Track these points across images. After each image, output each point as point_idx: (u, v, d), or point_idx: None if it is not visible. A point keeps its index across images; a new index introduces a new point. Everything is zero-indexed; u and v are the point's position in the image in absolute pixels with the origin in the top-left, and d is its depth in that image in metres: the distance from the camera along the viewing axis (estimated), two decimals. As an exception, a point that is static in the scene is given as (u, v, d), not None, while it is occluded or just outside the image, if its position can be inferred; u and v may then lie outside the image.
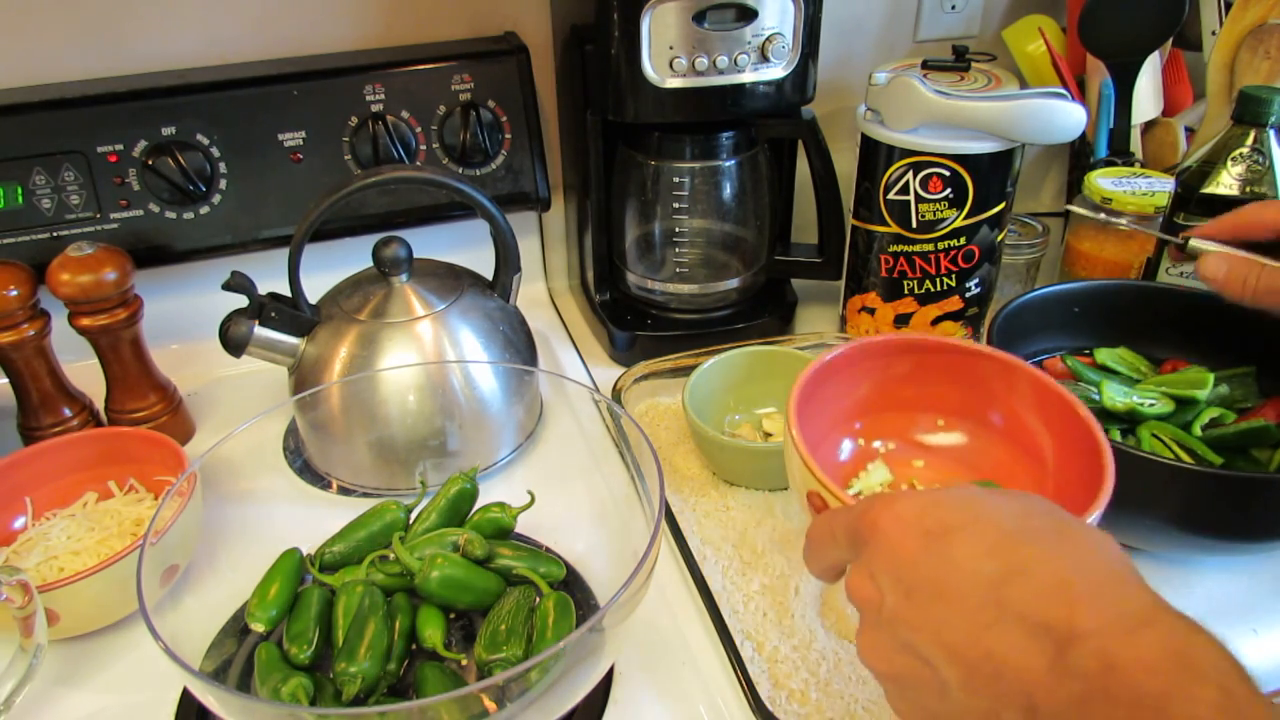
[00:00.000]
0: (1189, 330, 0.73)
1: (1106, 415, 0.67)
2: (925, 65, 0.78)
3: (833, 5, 0.77)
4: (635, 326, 0.87)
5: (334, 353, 0.69)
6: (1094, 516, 0.48)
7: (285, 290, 0.70)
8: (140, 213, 0.80)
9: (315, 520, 0.66)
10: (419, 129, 0.84)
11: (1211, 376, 0.67)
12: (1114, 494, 0.56)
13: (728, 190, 0.84)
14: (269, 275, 0.72)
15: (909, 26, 1.02)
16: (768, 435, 0.74)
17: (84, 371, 0.75)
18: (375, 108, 0.83)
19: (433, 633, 0.55)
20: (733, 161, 0.82)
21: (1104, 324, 0.76)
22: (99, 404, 0.77)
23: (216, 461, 0.61)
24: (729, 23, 0.72)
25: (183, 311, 0.86)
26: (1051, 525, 0.36)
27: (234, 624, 0.58)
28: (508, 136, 0.87)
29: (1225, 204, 0.72)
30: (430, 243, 0.82)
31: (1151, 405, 0.66)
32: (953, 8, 1.01)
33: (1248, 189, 0.71)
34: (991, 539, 0.35)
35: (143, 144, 0.78)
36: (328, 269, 0.77)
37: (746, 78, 0.75)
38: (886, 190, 0.76)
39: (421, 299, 0.72)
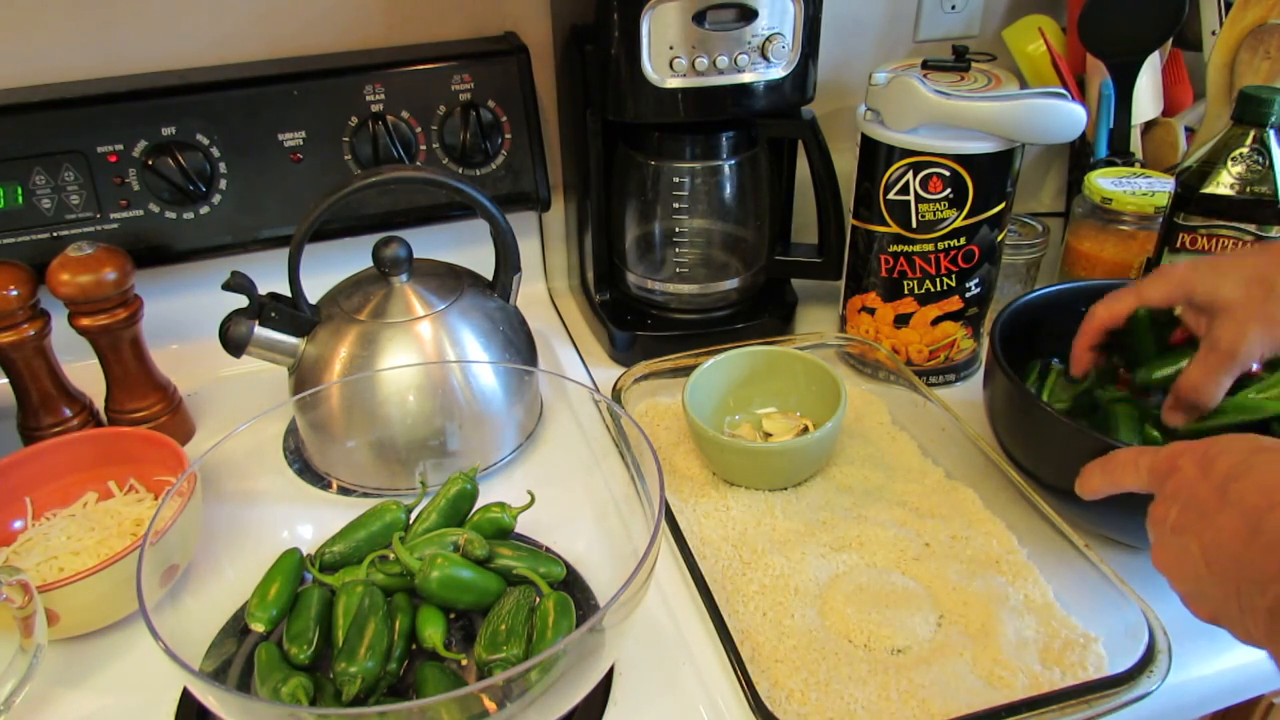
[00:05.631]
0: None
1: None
2: (925, 65, 0.78)
3: (833, 5, 0.77)
4: (635, 326, 0.87)
5: (334, 353, 0.69)
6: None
7: (285, 290, 0.70)
8: (140, 213, 0.80)
9: (315, 520, 0.66)
10: (419, 129, 0.84)
11: None
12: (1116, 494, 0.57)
13: (728, 190, 0.84)
14: (269, 275, 0.72)
15: (909, 26, 1.02)
16: (768, 435, 0.74)
17: (84, 371, 0.75)
18: (375, 108, 0.83)
19: (433, 633, 0.55)
20: (733, 161, 0.82)
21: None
22: (99, 404, 0.77)
23: (216, 461, 0.61)
24: (729, 23, 0.72)
25: (183, 311, 0.86)
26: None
27: (234, 624, 0.58)
28: (508, 136, 0.87)
29: (1225, 204, 0.72)
30: (430, 243, 0.82)
31: None
32: (953, 8, 1.01)
33: (1248, 189, 0.71)
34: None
35: (143, 144, 0.78)
36: (328, 269, 0.77)
37: (746, 78, 0.75)
38: (886, 190, 0.76)
39: (421, 299, 0.72)
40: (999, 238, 0.78)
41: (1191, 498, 0.47)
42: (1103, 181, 0.85)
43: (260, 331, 0.69)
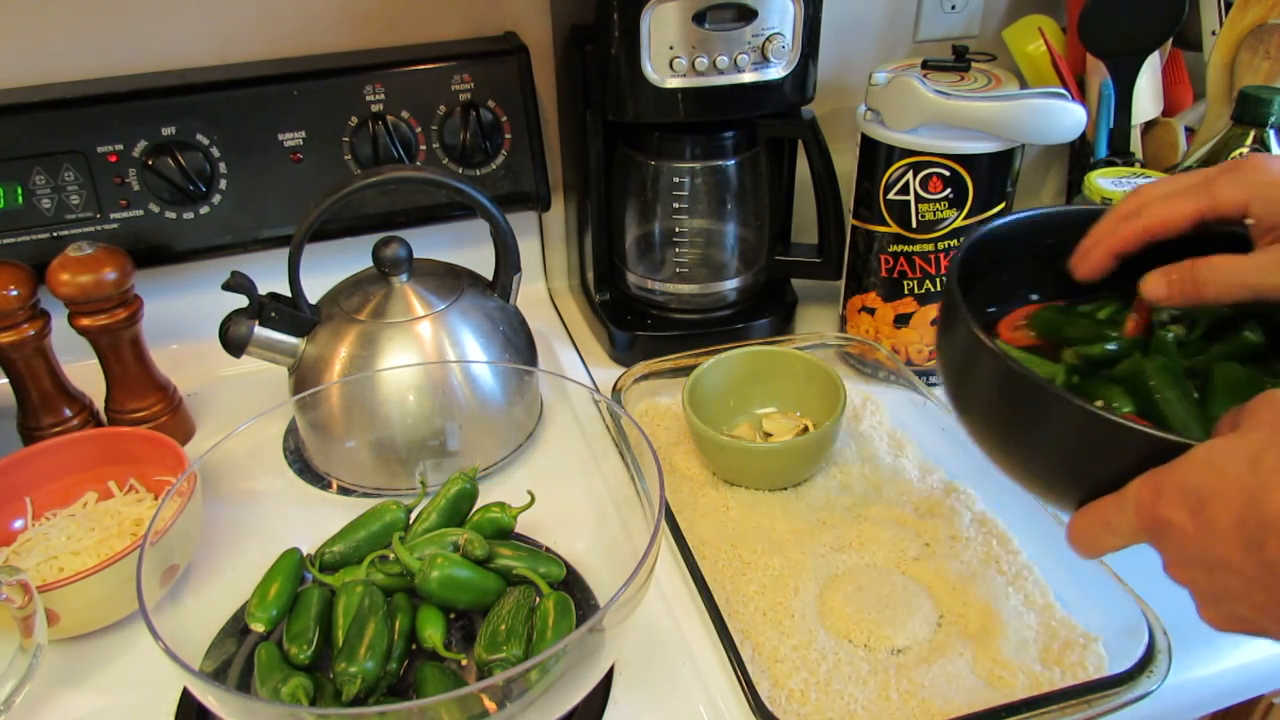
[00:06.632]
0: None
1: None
2: (925, 65, 0.78)
3: (833, 5, 0.77)
4: (635, 326, 0.87)
5: (334, 353, 0.69)
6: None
7: (285, 290, 0.70)
8: (140, 213, 0.80)
9: (315, 520, 0.66)
10: (419, 129, 0.84)
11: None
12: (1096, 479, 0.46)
13: (728, 190, 0.84)
14: (269, 275, 0.72)
15: (909, 26, 1.02)
16: (768, 435, 0.74)
17: (84, 371, 0.75)
18: (375, 108, 0.83)
19: (433, 633, 0.55)
20: (733, 161, 0.82)
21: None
22: (99, 404, 0.77)
23: (216, 461, 0.61)
24: (729, 23, 0.72)
25: (183, 311, 0.86)
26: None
27: (234, 624, 0.58)
28: (508, 136, 0.87)
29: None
30: (430, 243, 0.82)
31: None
32: (953, 8, 1.01)
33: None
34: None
35: (143, 144, 0.78)
36: (328, 269, 0.77)
37: (746, 78, 0.75)
38: (886, 190, 0.76)
39: (421, 299, 0.72)
40: (999, 238, 0.78)
41: (1212, 560, 0.40)
42: (1103, 181, 0.85)
43: (260, 331, 0.69)
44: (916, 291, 0.79)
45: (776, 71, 0.75)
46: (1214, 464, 0.40)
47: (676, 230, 0.85)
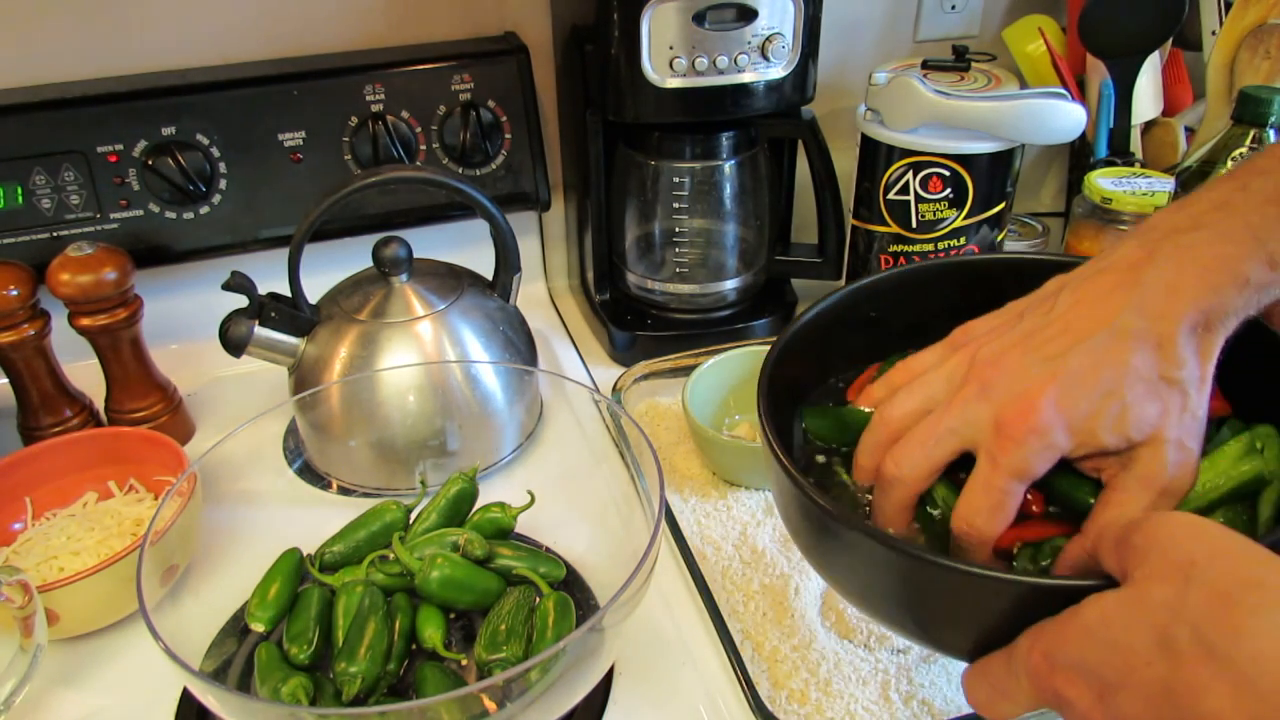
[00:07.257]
0: None
1: None
2: (925, 65, 0.78)
3: (833, 5, 0.77)
4: (635, 326, 0.87)
5: (334, 353, 0.69)
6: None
7: (285, 290, 0.70)
8: (140, 213, 0.80)
9: (315, 520, 0.66)
10: (419, 129, 0.84)
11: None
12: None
13: (728, 190, 0.84)
14: (269, 275, 0.72)
15: (909, 26, 1.02)
16: (768, 435, 0.74)
17: (84, 371, 0.75)
18: (375, 108, 0.83)
19: (433, 633, 0.55)
20: (733, 161, 0.82)
21: (923, 325, 0.48)
22: (99, 404, 0.77)
23: (216, 461, 0.61)
24: (729, 23, 0.72)
25: (183, 311, 0.86)
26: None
27: (234, 624, 0.58)
28: (508, 136, 0.87)
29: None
30: (430, 243, 0.82)
31: None
32: (953, 8, 1.01)
33: (1248, 189, 0.71)
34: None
35: (143, 144, 0.78)
36: (328, 269, 0.77)
37: (746, 78, 0.75)
38: (886, 190, 0.76)
39: (421, 299, 0.72)
40: (999, 238, 0.78)
41: None
42: (1103, 181, 0.85)
43: (260, 331, 0.69)
44: (916, 291, 0.79)
45: (776, 71, 0.75)
46: (1112, 639, 0.32)
47: (676, 230, 0.85)
